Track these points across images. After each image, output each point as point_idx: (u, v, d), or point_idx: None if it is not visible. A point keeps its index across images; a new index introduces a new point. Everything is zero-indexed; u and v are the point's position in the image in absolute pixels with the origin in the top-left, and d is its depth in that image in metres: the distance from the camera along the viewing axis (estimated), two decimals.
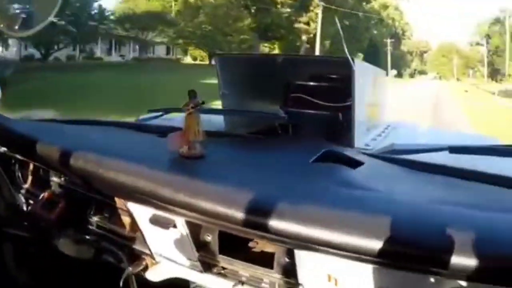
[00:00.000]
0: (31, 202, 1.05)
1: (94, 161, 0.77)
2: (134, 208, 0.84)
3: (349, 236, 0.54)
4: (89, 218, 0.97)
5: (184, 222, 0.77)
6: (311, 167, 0.78)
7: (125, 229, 0.92)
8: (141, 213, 0.83)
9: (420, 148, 0.88)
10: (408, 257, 0.52)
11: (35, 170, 1.04)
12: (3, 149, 1.02)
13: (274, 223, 0.58)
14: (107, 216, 0.95)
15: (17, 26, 0.87)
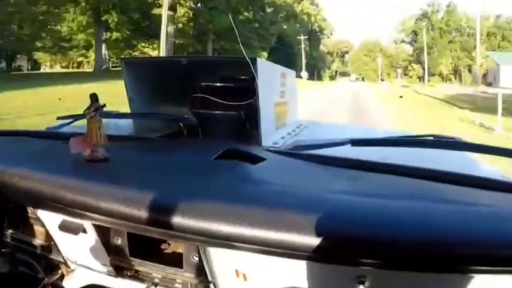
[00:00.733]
0: None
1: None
2: (44, 216, 0.86)
3: (246, 229, 0.57)
4: (3, 230, 0.97)
5: (92, 226, 0.79)
6: (213, 165, 0.80)
7: (39, 239, 0.93)
8: (51, 220, 0.84)
9: (322, 143, 0.92)
10: (304, 246, 0.55)
11: None
12: None
13: (175, 220, 0.60)
14: (21, 227, 0.95)
15: None
